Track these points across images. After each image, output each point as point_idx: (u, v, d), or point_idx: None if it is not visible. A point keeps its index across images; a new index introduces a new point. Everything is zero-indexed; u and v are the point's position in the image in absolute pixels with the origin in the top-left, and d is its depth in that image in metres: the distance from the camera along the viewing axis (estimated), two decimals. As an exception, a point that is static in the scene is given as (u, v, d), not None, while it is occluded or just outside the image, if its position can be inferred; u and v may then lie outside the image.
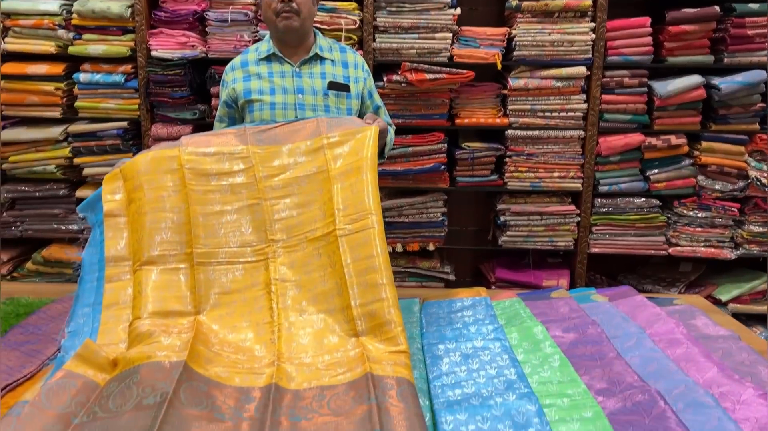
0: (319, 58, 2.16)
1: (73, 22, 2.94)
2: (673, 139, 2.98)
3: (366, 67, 2.25)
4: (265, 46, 2.17)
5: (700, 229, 3.06)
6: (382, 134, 2.00)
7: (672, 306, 2.18)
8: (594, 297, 2.22)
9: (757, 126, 2.98)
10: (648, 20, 2.93)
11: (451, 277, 3.22)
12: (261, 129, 1.96)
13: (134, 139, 3.05)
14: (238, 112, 2.20)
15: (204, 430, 1.31)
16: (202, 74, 2.99)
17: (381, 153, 2.15)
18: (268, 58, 2.16)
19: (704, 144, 2.98)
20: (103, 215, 1.86)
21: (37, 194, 3.07)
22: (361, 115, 2.21)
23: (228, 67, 2.22)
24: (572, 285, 3.16)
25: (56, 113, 3.00)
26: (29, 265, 3.14)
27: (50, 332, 1.79)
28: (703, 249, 3.07)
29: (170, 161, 1.87)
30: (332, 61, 2.17)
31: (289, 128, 1.96)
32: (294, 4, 2.04)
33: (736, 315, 3.10)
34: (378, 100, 2.28)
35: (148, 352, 1.50)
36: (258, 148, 1.91)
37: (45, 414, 1.32)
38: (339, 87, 2.15)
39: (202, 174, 1.86)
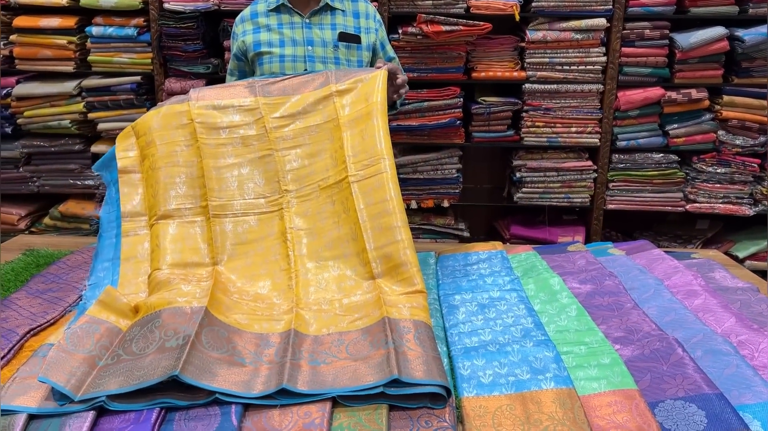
0: (329, 9, 2.12)
1: (85, -26, 2.90)
2: (694, 93, 2.92)
3: (378, 17, 2.21)
4: None
5: (718, 185, 3.02)
6: (393, 76, 1.94)
7: (690, 260, 2.16)
8: (611, 251, 2.21)
9: (781, 79, 2.91)
10: (671, -31, 2.85)
11: (466, 234, 3.22)
12: (269, 81, 1.95)
13: (148, 93, 3.04)
14: (248, 65, 2.18)
15: (226, 372, 1.33)
16: (215, 27, 2.95)
17: (393, 104, 2.12)
18: (278, 9, 2.12)
19: (725, 98, 2.92)
20: (117, 173, 1.88)
21: (52, 149, 3.07)
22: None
23: (237, 18, 2.19)
24: (587, 242, 3.14)
25: (69, 67, 2.98)
26: (47, 220, 3.17)
27: (71, 280, 1.81)
28: (721, 205, 3.04)
29: (180, 116, 1.87)
30: (343, 11, 2.13)
31: (298, 80, 1.95)
32: None
33: (753, 272, 3.08)
34: (391, 52, 2.24)
35: (168, 298, 1.52)
36: (267, 100, 1.90)
37: (72, 357, 1.35)
38: (349, 38, 2.11)
39: (213, 127, 1.86)
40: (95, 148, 3.07)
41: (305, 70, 2.08)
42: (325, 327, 1.53)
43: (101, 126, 3.04)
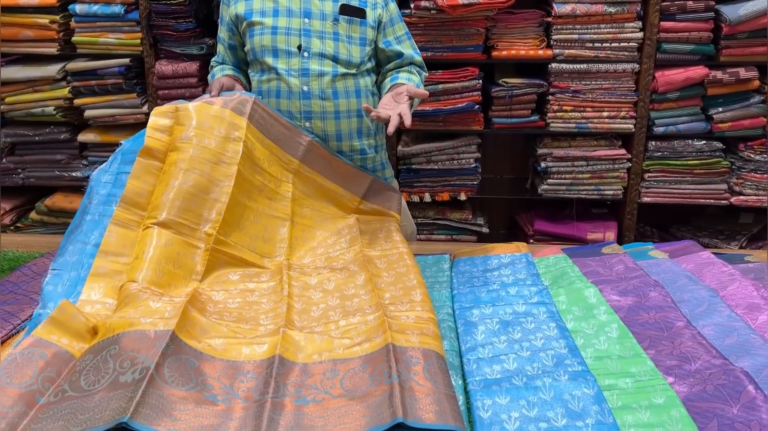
0: None
1: (67, -55, 2.66)
2: (742, 72, 2.61)
3: None
4: None
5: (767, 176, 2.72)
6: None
7: (744, 264, 1.88)
8: (652, 254, 1.94)
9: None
10: (718, -69, 2.53)
11: (485, 230, 2.95)
12: (314, 144, 1.85)
13: (138, 77, 2.80)
14: (239, 38, 1.93)
15: (191, 414, 1.09)
16: (208, 3, 2.71)
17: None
18: None
19: (778, 78, 2.62)
20: (141, 146, 1.65)
21: (36, 138, 2.86)
22: (380, 54, 1.95)
23: None
24: (620, 239, 2.87)
25: (53, 49, 2.75)
26: (33, 215, 2.97)
27: (30, 291, 1.59)
28: (770, 198, 2.74)
29: (233, 128, 1.70)
30: None
31: (338, 162, 1.89)
32: None
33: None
34: (400, 31, 1.95)
35: (131, 318, 1.28)
36: (302, 168, 1.83)
37: (4, 393, 1.11)
38: (352, 11, 1.86)
39: (253, 161, 1.73)
40: (83, 137, 2.85)
41: (299, 45, 1.83)
42: (317, 353, 1.29)
43: (88, 113, 2.82)
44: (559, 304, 1.56)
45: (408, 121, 1.66)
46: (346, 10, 1.85)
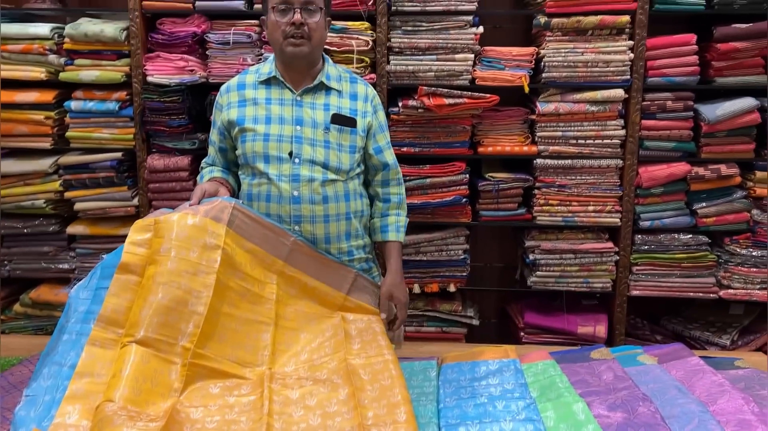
0: (324, 88, 1.92)
1: (65, 46, 2.73)
2: (724, 169, 2.66)
3: (377, 101, 2.01)
4: (267, 68, 1.94)
5: (755, 269, 2.72)
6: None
7: (734, 370, 1.87)
8: (641, 359, 1.92)
9: (819, 154, 2.65)
10: (693, 37, 2.63)
11: (475, 322, 2.92)
12: (298, 243, 1.85)
13: (129, 170, 2.83)
14: (231, 142, 1.97)
15: None
16: (201, 100, 2.76)
17: None
18: (268, 82, 1.92)
19: (758, 174, 2.66)
20: (118, 262, 1.65)
21: (25, 231, 2.85)
22: (366, 155, 2.00)
23: (223, 87, 1.99)
24: (611, 331, 2.84)
25: (46, 144, 2.78)
26: (17, 307, 2.92)
27: (4, 407, 1.54)
28: (759, 292, 2.73)
29: (211, 236, 1.70)
30: (339, 91, 1.94)
31: (321, 261, 1.88)
32: (306, 28, 1.82)
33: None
34: (382, 140, 2.00)
35: None
36: (286, 268, 1.82)
37: None
38: (344, 121, 1.91)
39: (234, 267, 1.73)
40: (71, 229, 2.85)
41: (291, 152, 1.86)
42: None
43: (78, 205, 2.82)
44: (546, 420, 1.53)
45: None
46: (337, 119, 1.90)
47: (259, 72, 1.95)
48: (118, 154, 2.78)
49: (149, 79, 2.71)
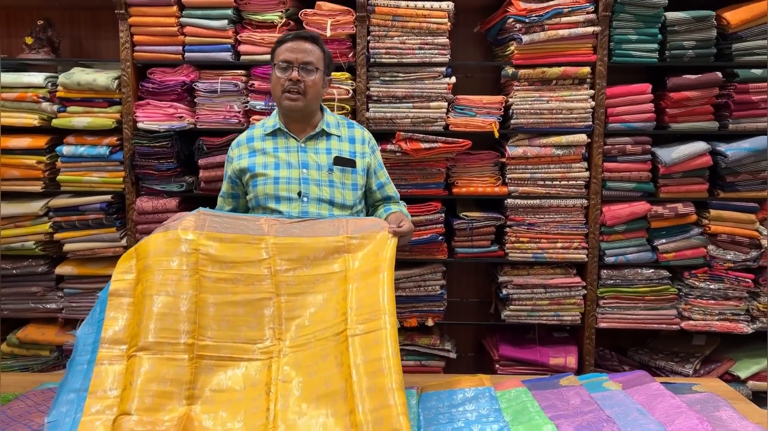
0: (325, 134, 2.16)
1: (58, 94, 2.86)
2: (680, 208, 2.86)
3: (373, 143, 2.25)
4: (272, 121, 2.17)
5: (713, 302, 2.89)
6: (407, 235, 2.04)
7: (692, 394, 2.01)
8: (606, 385, 2.05)
9: (766, 193, 2.86)
10: (648, 87, 2.85)
11: (452, 355, 3.04)
12: (280, 221, 1.93)
13: (118, 212, 2.93)
14: (242, 188, 2.17)
15: None
16: (190, 145, 2.89)
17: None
18: (274, 133, 2.15)
19: (713, 212, 2.86)
20: (107, 293, 1.77)
21: (14, 272, 2.91)
22: (368, 192, 2.22)
23: (234, 143, 2.21)
24: (580, 362, 2.98)
25: (37, 187, 2.88)
26: (3, 347, 2.97)
27: (8, 438, 1.62)
28: (717, 322, 2.90)
29: (185, 243, 1.81)
30: (339, 136, 2.17)
31: (310, 223, 1.94)
32: (302, 85, 2.05)
33: (757, 394, 2.91)
34: (383, 177, 2.26)
35: None
36: (277, 239, 1.87)
37: None
38: (344, 162, 2.13)
39: (216, 261, 1.82)
40: (60, 270, 2.92)
41: (299, 192, 2.07)
42: None
43: (68, 246, 2.91)
44: (519, 442, 1.65)
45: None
46: (339, 161, 2.12)
47: (264, 126, 2.18)
48: (108, 197, 2.88)
49: (140, 125, 2.84)
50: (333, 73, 2.81)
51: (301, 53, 2.06)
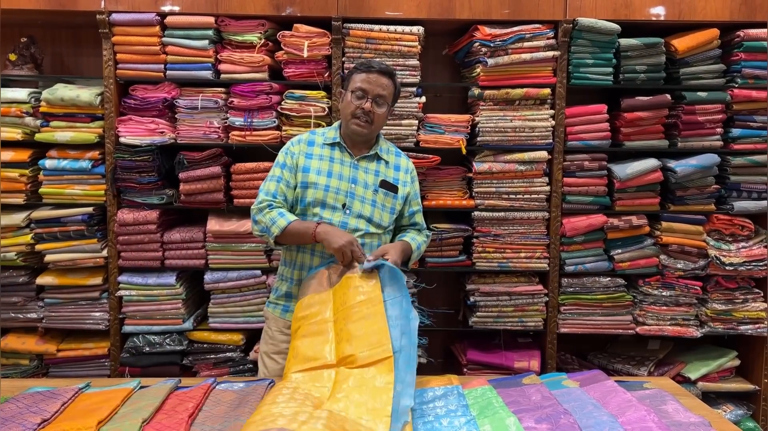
0: (377, 157, 2.30)
1: (42, 109, 2.94)
2: (634, 220, 3.06)
3: (414, 174, 2.40)
4: (332, 133, 2.30)
5: (665, 308, 3.10)
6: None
7: (642, 391, 2.17)
8: (565, 383, 2.21)
9: (712, 206, 3.09)
10: (604, 107, 3.06)
11: (422, 360, 3.17)
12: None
13: (99, 224, 3.01)
14: (294, 180, 2.24)
15: None
16: (171, 159, 2.99)
17: (405, 262, 2.29)
18: (333, 145, 2.28)
19: (664, 224, 3.06)
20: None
21: (-6, 282, 2.97)
22: (398, 216, 2.35)
23: (295, 139, 2.32)
24: (543, 366, 3.15)
25: (19, 200, 2.95)
26: (-17, 356, 3.01)
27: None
28: (669, 327, 3.10)
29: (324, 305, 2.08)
30: (387, 162, 2.31)
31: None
32: (371, 115, 2.20)
33: (706, 394, 3.11)
34: (416, 206, 2.40)
35: None
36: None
37: None
38: (389, 187, 2.28)
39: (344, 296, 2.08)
40: (41, 280, 2.99)
41: (344, 204, 2.21)
42: None
43: (49, 257, 2.98)
44: (484, 433, 1.79)
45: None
46: (384, 184, 2.27)
47: (325, 135, 2.31)
48: (90, 209, 2.96)
49: (122, 139, 2.94)
50: (308, 92, 2.97)
51: (377, 87, 2.20)
